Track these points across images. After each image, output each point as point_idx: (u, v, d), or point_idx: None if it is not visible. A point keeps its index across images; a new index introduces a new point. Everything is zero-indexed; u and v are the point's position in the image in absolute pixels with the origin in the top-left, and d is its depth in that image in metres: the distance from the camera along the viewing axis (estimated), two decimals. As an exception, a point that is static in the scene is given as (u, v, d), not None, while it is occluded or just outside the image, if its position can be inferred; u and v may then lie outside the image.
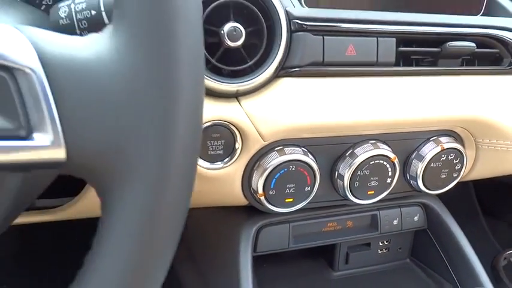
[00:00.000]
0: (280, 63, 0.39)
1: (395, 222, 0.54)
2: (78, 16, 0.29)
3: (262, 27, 0.39)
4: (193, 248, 0.58)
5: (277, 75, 0.40)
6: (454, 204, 0.57)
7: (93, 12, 0.29)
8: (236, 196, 0.45)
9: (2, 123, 0.16)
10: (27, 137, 0.17)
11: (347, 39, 0.41)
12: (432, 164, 0.48)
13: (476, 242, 0.55)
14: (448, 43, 0.45)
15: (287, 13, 0.39)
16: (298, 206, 0.44)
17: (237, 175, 0.43)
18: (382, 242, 0.59)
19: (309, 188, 0.43)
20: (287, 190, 0.43)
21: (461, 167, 0.50)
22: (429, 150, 0.47)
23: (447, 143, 0.48)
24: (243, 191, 0.44)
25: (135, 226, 0.17)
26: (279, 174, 0.41)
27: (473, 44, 0.46)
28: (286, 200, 0.43)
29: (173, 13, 0.17)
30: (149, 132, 0.17)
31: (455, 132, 0.50)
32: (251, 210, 0.49)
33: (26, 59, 0.16)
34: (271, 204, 0.43)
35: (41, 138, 0.17)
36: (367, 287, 0.56)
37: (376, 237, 0.56)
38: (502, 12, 0.52)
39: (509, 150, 0.50)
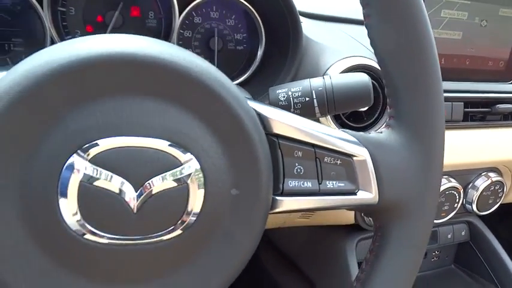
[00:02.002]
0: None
1: (449, 236, 0.71)
2: (295, 101, 0.43)
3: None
4: (298, 261, 0.72)
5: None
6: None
7: (307, 99, 0.43)
8: (348, 217, 0.60)
9: (350, 186, 0.30)
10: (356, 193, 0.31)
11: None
12: (484, 193, 0.65)
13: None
14: (498, 105, 0.63)
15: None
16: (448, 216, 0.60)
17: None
18: (435, 252, 0.75)
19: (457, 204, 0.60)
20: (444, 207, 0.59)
21: (503, 194, 0.67)
22: (482, 183, 0.65)
23: (494, 177, 0.65)
24: (355, 212, 0.59)
25: (409, 256, 0.31)
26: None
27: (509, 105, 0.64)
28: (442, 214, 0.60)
29: (440, 126, 0.31)
30: (424, 192, 0.31)
31: (498, 169, 0.67)
32: (348, 227, 0.64)
33: (362, 152, 0.30)
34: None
35: (365, 194, 0.31)
36: (426, 287, 0.72)
37: (434, 248, 0.72)
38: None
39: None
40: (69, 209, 0.20)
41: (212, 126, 0.22)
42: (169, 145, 0.21)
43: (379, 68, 0.32)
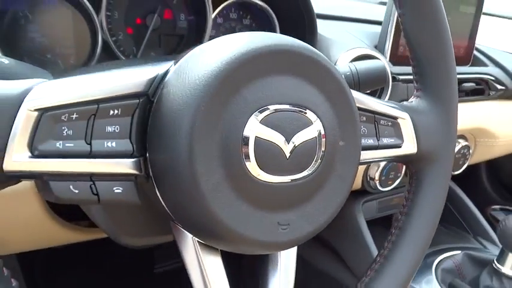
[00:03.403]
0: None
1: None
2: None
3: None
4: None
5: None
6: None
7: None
8: (357, 182, 0.71)
9: (398, 141, 0.41)
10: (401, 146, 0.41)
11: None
12: (456, 155, 0.79)
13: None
14: (463, 84, 0.77)
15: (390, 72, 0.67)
16: (393, 186, 0.72)
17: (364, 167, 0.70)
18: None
19: (400, 174, 0.72)
20: (390, 176, 0.70)
21: (469, 156, 0.82)
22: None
23: (463, 142, 0.79)
24: (362, 177, 0.70)
25: (439, 197, 0.42)
26: (388, 166, 0.69)
27: (473, 84, 0.79)
28: (389, 183, 0.71)
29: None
30: (448, 142, 0.42)
31: (465, 136, 0.82)
32: (353, 192, 0.75)
33: (404, 115, 0.41)
34: (381, 186, 0.70)
35: (408, 146, 0.41)
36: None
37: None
38: (481, 64, 0.86)
39: (493, 145, 0.84)
40: (249, 156, 0.28)
41: (324, 93, 0.31)
42: (304, 109, 0.30)
43: (379, 57, 0.43)
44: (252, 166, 0.28)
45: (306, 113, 0.30)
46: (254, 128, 0.28)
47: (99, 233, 0.62)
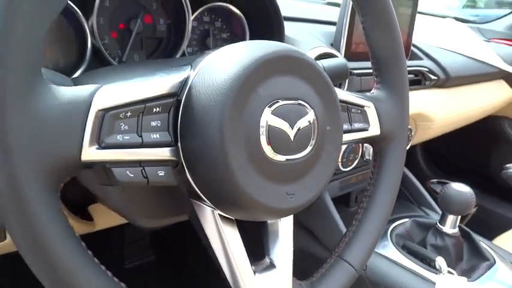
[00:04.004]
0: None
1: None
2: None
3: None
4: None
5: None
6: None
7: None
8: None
9: (365, 125, 0.50)
10: (368, 129, 0.51)
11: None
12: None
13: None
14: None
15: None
16: (352, 166, 0.83)
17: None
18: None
19: (357, 156, 0.82)
20: (350, 158, 0.81)
21: (411, 138, 0.95)
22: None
23: (406, 126, 0.92)
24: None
25: (398, 169, 0.52)
26: (349, 149, 0.79)
27: (412, 76, 0.92)
28: (349, 163, 0.81)
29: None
30: (402, 124, 0.52)
31: (407, 120, 0.95)
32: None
33: (369, 104, 0.50)
34: (343, 167, 0.80)
35: (373, 129, 0.51)
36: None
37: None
38: (418, 58, 1.00)
39: (430, 127, 0.98)
40: (265, 141, 0.35)
41: (315, 88, 0.39)
42: (302, 102, 0.38)
43: (337, 54, 0.52)
44: (267, 148, 0.35)
45: (303, 104, 0.37)
46: (267, 118, 0.35)
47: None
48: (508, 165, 0.81)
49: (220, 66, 0.35)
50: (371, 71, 0.59)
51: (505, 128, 1.47)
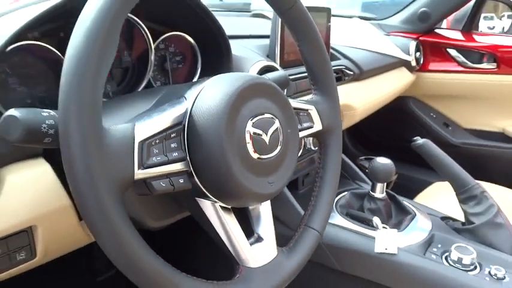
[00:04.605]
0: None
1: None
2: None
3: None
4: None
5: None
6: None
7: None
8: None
9: (311, 123, 0.66)
10: (313, 126, 0.66)
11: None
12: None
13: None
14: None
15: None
16: (298, 155, 0.99)
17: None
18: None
19: (301, 147, 0.99)
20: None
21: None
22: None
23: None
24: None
25: (338, 153, 0.68)
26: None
27: (334, 74, 1.10)
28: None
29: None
30: (336, 118, 0.68)
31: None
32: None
33: (311, 107, 0.66)
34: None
35: (317, 125, 0.66)
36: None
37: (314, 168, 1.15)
38: (336, 58, 1.19)
39: (354, 114, 1.18)
40: (250, 147, 0.49)
41: (277, 104, 0.53)
42: (270, 115, 0.52)
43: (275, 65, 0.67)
44: (252, 152, 0.49)
45: (271, 117, 0.52)
46: (250, 130, 0.49)
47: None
48: (415, 138, 1.03)
49: (211, 96, 0.47)
50: (302, 75, 0.75)
51: (411, 106, 1.76)
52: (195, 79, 0.86)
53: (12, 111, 0.40)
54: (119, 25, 0.40)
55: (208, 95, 0.48)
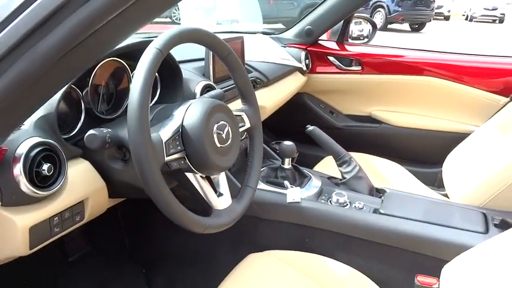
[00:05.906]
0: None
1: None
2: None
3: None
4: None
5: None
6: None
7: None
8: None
9: (243, 123, 1.07)
10: (245, 125, 1.08)
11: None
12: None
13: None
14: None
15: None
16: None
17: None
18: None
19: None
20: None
21: (257, 120, 1.57)
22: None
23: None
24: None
25: (260, 141, 1.10)
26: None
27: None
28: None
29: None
30: (259, 120, 1.10)
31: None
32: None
33: (242, 113, 1.07)
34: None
35: (247, 124, 1.08)
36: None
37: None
38: (249, 72, 1.62)
39: (265, 112, 1.62)
40: (216, 140, 0.89)
41: (226, 114, 0.94)
42: (224, 122, 0.93)
43: (211, 83, 1.09)
44: (217, 143, 0.89)
45: (225, 123, 0.92)
46: (216, 131, 0.89)
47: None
48: (308, 125, 1.52)
49: (194, 113, 0.86)
50: (230, 87, 1.15)
51: (305, 100, 2.29)
52: (156, 98, 1.22)
53: (91, 131, 0.76)
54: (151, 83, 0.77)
55: (192, 113, 0.86)
